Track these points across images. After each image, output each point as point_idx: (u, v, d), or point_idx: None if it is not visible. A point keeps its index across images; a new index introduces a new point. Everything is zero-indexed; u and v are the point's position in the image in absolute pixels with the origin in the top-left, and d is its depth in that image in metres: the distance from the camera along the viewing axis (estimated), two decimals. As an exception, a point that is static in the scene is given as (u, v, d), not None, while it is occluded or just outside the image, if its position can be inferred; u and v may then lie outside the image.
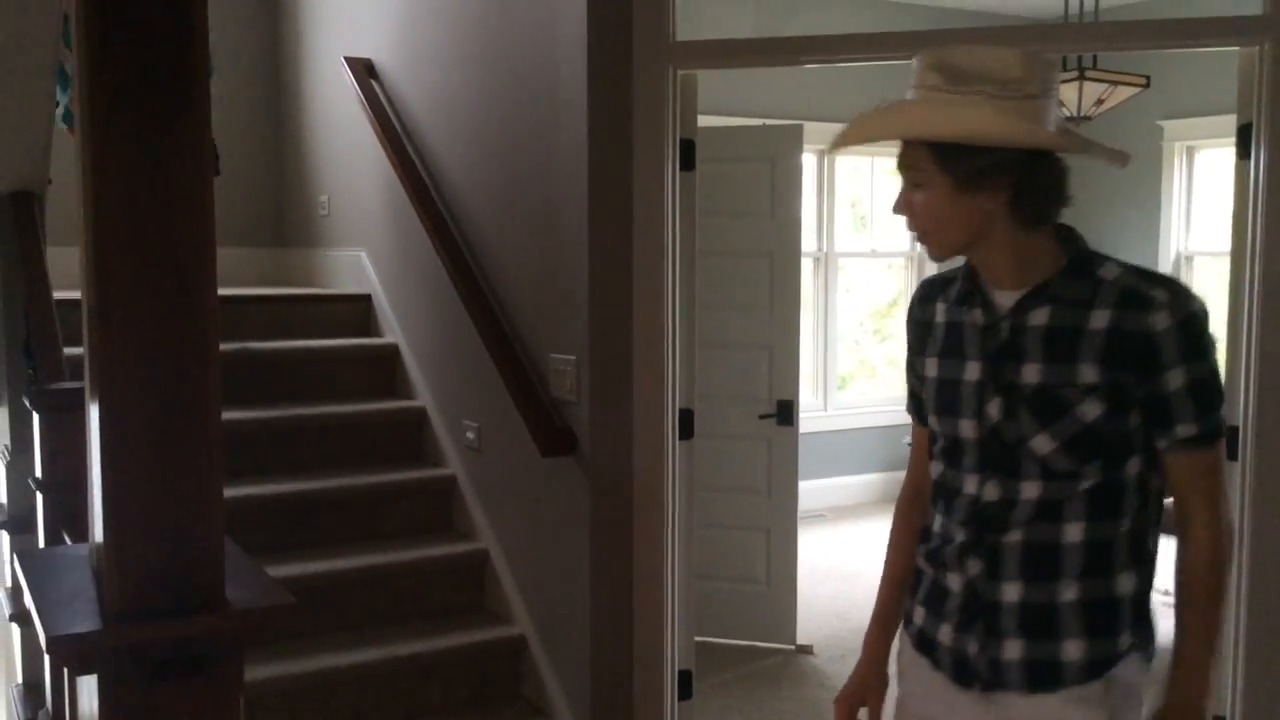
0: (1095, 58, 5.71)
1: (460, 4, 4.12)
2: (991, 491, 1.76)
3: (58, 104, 3.83)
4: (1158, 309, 1.65)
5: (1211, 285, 7.09)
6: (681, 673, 3.55)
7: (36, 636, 2.96)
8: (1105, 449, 1.70)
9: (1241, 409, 3.11)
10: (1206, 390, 1.68)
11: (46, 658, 2.55)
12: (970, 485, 1.78)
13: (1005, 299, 1.77)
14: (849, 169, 7.72)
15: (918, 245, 7.81)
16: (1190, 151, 7.25)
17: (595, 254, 3.35)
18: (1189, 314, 1.65)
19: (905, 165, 1.75)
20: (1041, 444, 1.71)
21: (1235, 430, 3.13)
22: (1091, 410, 1.68)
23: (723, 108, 6.10)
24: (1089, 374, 1.68)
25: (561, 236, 3.49)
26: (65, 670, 1.92)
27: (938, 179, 1.69)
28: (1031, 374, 1.72)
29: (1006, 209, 1.70)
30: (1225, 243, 3.24)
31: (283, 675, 3.36)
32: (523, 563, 3.82)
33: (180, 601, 1.46)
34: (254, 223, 5.76)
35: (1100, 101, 5.66)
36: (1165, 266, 7.31)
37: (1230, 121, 3.18)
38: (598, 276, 3.35)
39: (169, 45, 1.44)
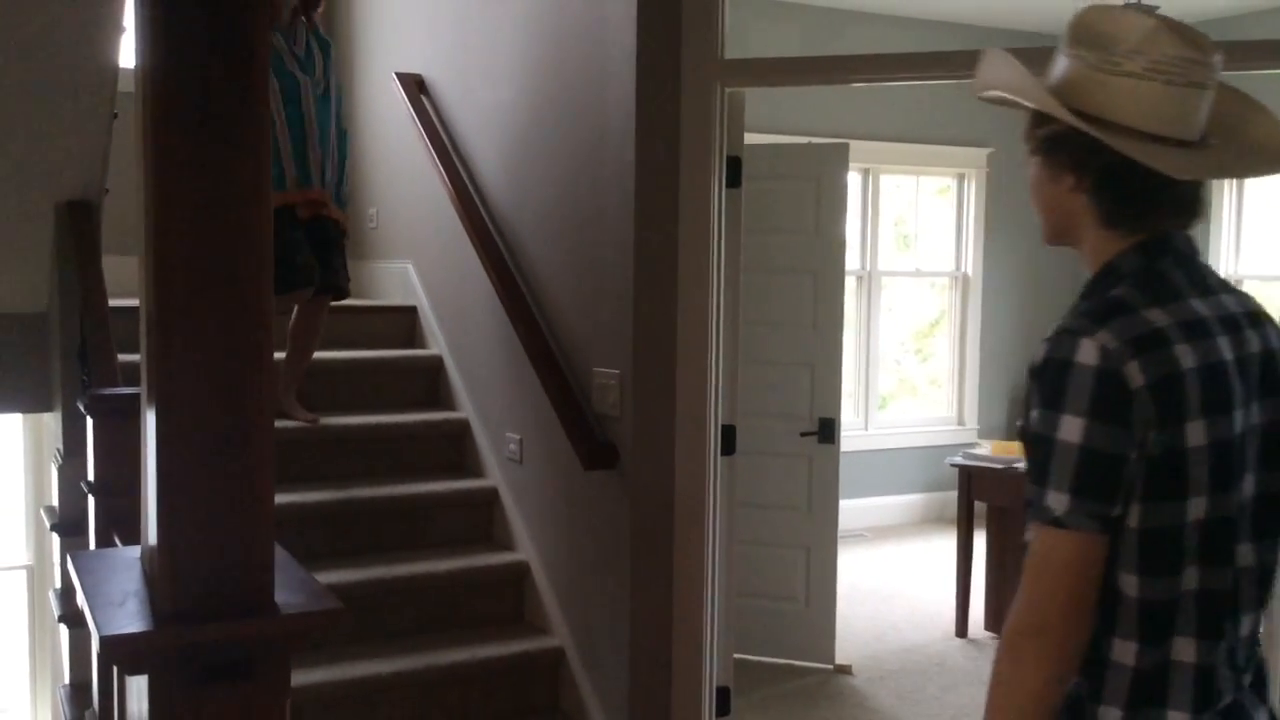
0: (1145, 79, 5.67)
1: (511, 21, 4.16)
2: None
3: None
4: (1042, 342, 1.47)
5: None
6: (720, 689, 3.54)
7: (85, 637, 3.01)
8: None
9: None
10: (1035, 452, 1.44)
11: (95, 658, 2.60)
12: None
13: None
14: (893, 187, 7.70)
15: (962, 265, 7.81)
16: (1241, 174, 7.16)
17: (640, 269, 3.36)
18: (1052, 357, 1.44)
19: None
20: None
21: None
22: None
23: (768, 125, 6.12)
24: None
25: (607, 251, 3.51)
26: (115, 670, 1.95)
27: (1033, 155, 1.59)
28: None
29: (1088, 204, 1.53)
30: (1276, 267, 3.20)
31: (324, 682, 3.39)
32: (563, 575, 3.83)
33: (230, 605, 1.49)
34: (303, 234, 5.83)
35: (1150, 123, 5.60)
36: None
37: (1283, 145, 3.14)
38: (642, 291, 3.37)
39: (230, 61, 1.48)
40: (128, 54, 3.39)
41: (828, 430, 4.70)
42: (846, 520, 5.36)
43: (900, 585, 6.13)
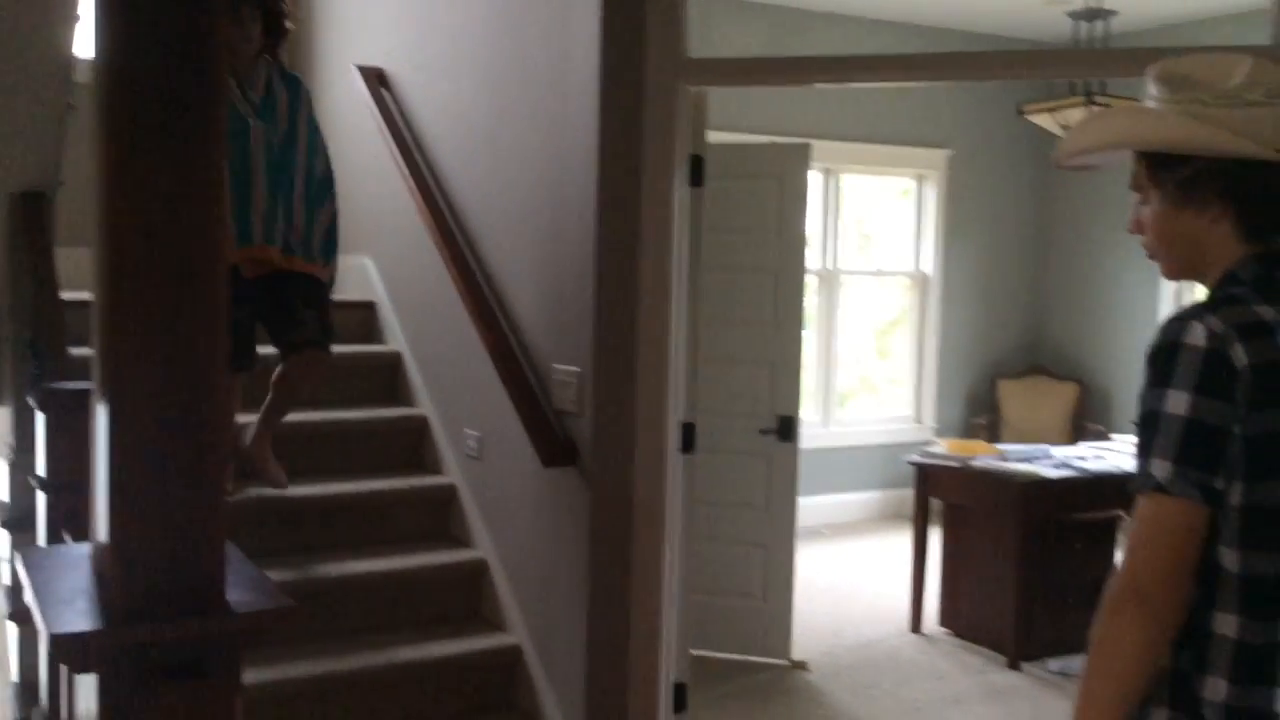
0: (1103, 83, 5.74)
1: (473, 16, 4.14)
2: None
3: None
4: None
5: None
6: (676, 685, 3.56)
7: (34, 635, 2.96)
8: None
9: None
10: (1143, 427, 1.55)
11: (44, 656, 2.57)
12: None
13: None
14: (854, 187, 7.74)
15: (921, 265, 7.87)
16: (1196, 178, 7.25)
17: (602, 266, 3.36)
18: (1163, 341, 1.56)
19: (1133, 181, 1.73)
20: None
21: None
22: None
23: (730, 124, 6.13)
24: None
25: (569, 248, 3.51)
26: (64, 669, 1.93)
27: (1154, 193, 1.68)
28: None
29: (1231, 228, 1.64)
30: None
31: (279, 680, 3.36)
32: (520, 572, 3.83)
33: (182, 603, 1.47)
34: (261, 226, 5.77)
35: (1107, 127, 5.67)
36: (1167, 291, 7.32)
37: (1235, 151, 3.19)
38: (604, 289, 3.37)
39: (188, 55, 1.46)
40: (83, 45, 3.35)
41: (787, 428, 4.72)
42: (805, 517, 5.39)
43: (857, 581, 6.17)
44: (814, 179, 6.83)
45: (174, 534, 1.48)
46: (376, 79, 4.74)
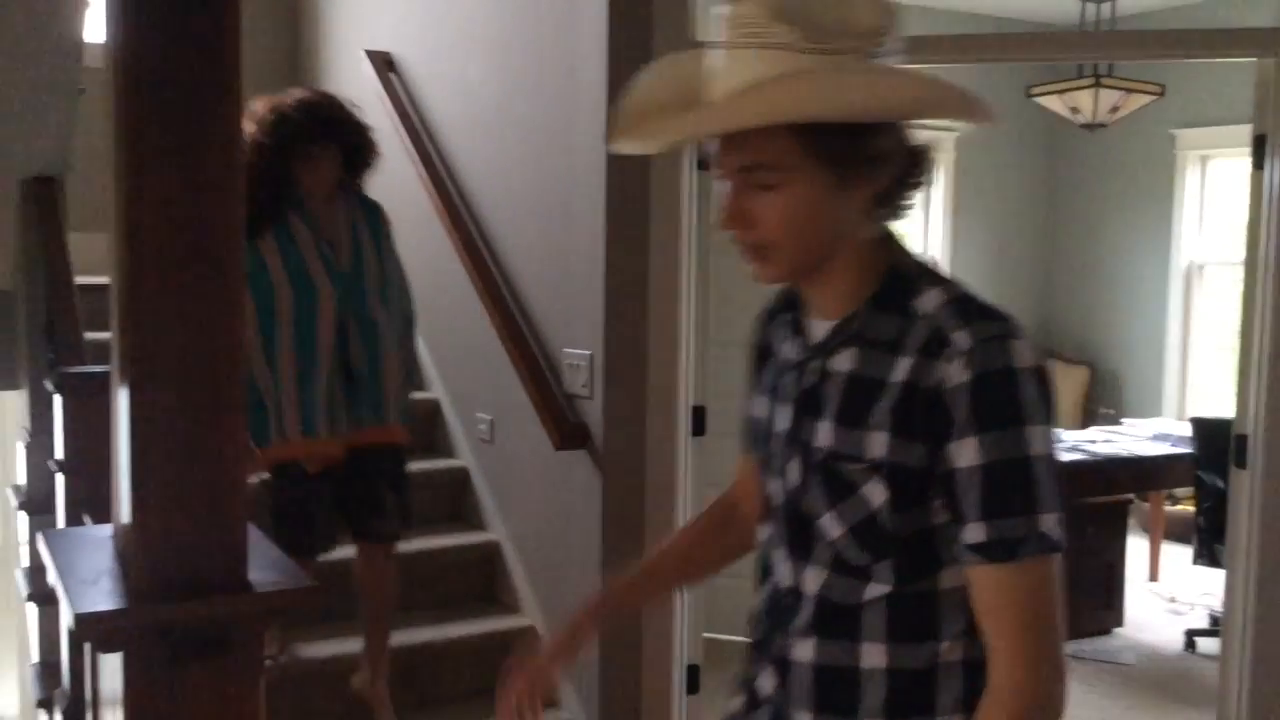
0: (1111, 65, 5.72)
1: (481, -1, 4.14)
2: (786, 575, 1.40)
3: None
4: (954, 357, 1.22)
5: (1224, 294, 7.09)
6: (690, 668, 3.57)
7: (55, 616, 2.98)
8: (899, 549, 1.28)
9: (1252, 418, 3.12)
10: (1006, 481, 1.21)
11: (67, 636, 2.59)
12: (777, 563, 1.44)
13: (819, 328, 1.39)
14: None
15: (928, 247, 7.83)
16: (1204, 160, 7.24)
17: (612, 250, 3.37)
18: (991, 370, 1.21)
19: (750, 162, 1.27)
20: (830, 526, 1.31)
21: (1244, 439, 3.14)
22: (876, 494, 1.26)
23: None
24: (877, 445, 1.26)
25: (578, 232, 3.51)
26: (87, 649, 1.95)
27: (808, 175, 1.25)
28: (824, 435, 1.31)
29: (866, 208, 1.30)
30: (1238, 252, 3.25)
31: (298, 660, 3.39)
32: (533, 555, 3.84)
33: (204, 582, 1.48)
34: (270, 212, 5.77)
35: (1115, 109, 5.67)
36: (1177, 275, 7.30)
37: (1244, 131, 3.19)
38: (613, 272, 3.37)
39: (204, 35, 1.47)
40: (92, 29, 3.36)
41: (796, 411, 4.72)
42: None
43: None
44: (822, 162, 6.81)
45: (196, 514, 1.49)
46: (384, 63, 4.74)
